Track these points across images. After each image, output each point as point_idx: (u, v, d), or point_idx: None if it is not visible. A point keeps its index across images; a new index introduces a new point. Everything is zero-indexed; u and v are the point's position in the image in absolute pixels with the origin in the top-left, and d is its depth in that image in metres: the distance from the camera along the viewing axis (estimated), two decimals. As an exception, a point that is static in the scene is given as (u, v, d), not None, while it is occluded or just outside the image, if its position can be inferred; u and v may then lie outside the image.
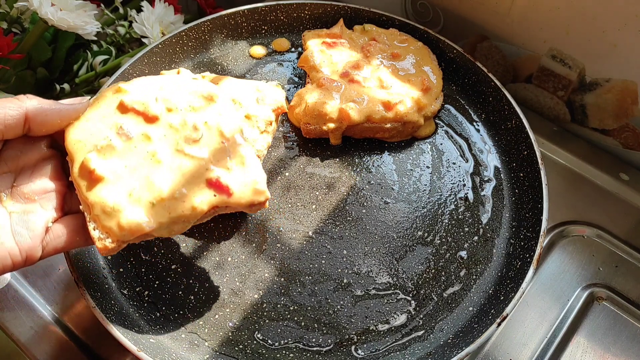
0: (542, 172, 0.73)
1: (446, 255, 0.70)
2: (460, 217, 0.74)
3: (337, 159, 0.79)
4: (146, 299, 0.65)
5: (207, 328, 0.64)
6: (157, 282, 0.66)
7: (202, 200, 0.53)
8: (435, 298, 0.67)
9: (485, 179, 0.78)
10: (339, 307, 0.66)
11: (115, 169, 0.52)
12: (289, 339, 0.63)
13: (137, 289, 0.66)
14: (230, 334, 0.63)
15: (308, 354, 0.62)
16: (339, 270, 0.68)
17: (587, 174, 0.86)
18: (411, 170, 0.78)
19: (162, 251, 0.69)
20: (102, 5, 1.03)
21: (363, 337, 0.63)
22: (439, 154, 0.80)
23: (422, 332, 0.64)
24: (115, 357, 0.65)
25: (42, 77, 0.93)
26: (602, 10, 0.77)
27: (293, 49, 0.93)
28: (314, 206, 0.74)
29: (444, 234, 0.72)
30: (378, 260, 0.69)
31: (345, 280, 0.67)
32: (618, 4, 0.75)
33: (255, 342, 0.63)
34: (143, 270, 0.67)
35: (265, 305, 0.65)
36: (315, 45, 0.84)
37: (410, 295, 0.67)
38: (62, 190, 0.54)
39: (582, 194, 0.84)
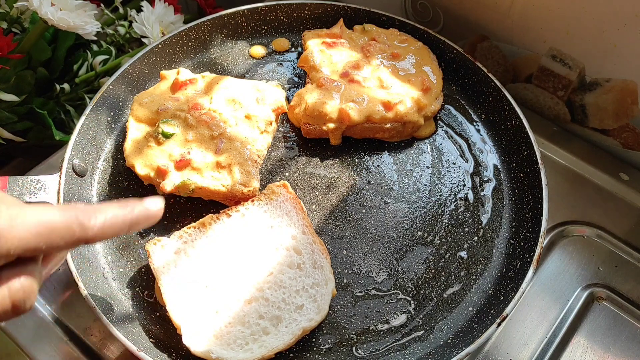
0: (542, 172, 0.73)
1: (446, 256, 0.70)
2: (460, 217, 0.74)
3: (337, 159, 0.79)
4: (146, 299, 0.65)
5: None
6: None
7: None
8: (435, 298, 0.67)
9: (485, 179, 0.78)
10: (339, 307, 0.65)
11: None
12: (289, 339, 0.63)
13: (137, 289, 0.66)
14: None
15: (308, 354, 0.62)
16: (339, 270, 0.68)
17: (587, 174, 0.86)
18: (411, 170, 0.78)
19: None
20: (102, 5, 1.03)
21: (363, 337, 0.63)
22: (439, 154, 0.80)
23: (422, 332, 0.64)
24: (115, 357, 0.65)
25: (42, 77, 0.93)
26: (602, 10, 0.77)
27: (293, 49, 0.93)
28: (313, 206, 0.74)
29: (444, 234, 0.72)
30: (378, 260, 0.69)
31: (345, 280, 0.67)
32: (618, 4, 0.75)
33: (255, 342, 0.63)
34: (143, 270, 0.67)
35: (265, 305, 0.65)
36: (315, 45, 0.84)
37: (410, 295, 0.67)
38: None
39: (582, 194, 0.84)
